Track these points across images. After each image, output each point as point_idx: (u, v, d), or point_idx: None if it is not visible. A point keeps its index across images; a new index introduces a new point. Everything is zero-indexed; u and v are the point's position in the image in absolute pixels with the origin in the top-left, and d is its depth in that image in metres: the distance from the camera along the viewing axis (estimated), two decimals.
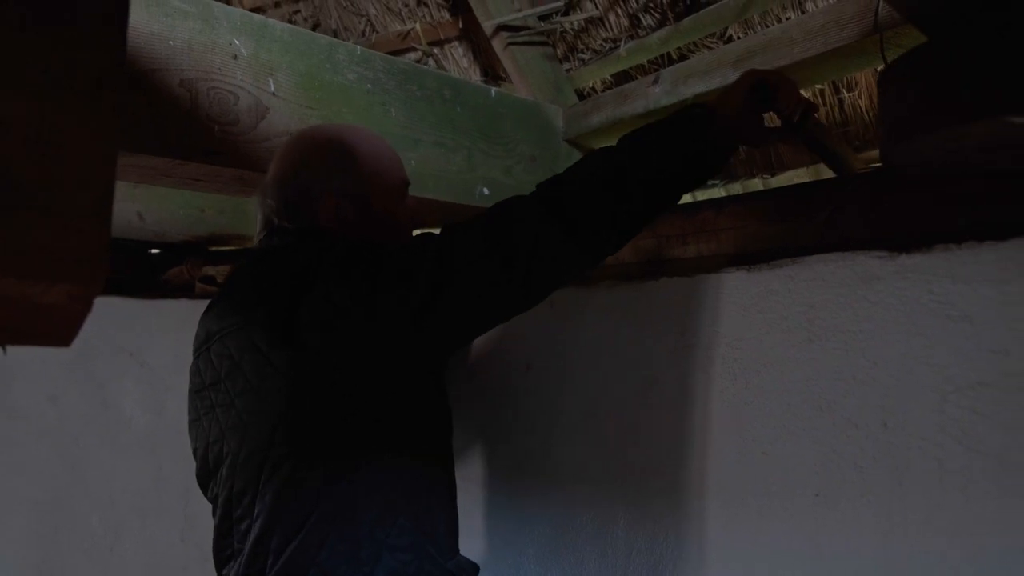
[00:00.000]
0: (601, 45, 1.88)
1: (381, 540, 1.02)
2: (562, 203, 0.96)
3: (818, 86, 1.70)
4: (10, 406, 2.00)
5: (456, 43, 2.12)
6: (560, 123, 1.84)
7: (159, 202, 1.84)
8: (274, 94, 1.29)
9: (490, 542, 1.50)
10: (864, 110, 1.69)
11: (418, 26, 2.09)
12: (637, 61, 1.83)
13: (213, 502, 1.11)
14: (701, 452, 1.19)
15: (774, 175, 1.94)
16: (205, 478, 1.12)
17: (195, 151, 1.18)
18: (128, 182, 1.28)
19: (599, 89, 1.98)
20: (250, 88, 1.25)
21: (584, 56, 1.93)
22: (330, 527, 1.00)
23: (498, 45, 1.88)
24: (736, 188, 2.04)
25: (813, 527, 1.04)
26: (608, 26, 1.83)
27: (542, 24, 1.87)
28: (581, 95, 1.98)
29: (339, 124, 1.31)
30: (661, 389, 1.26)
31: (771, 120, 1.11)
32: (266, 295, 1.05)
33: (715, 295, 1.21)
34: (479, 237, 0.96)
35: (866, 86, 1.65)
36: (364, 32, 2.20)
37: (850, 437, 1.02)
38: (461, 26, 2.07)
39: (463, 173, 1.57)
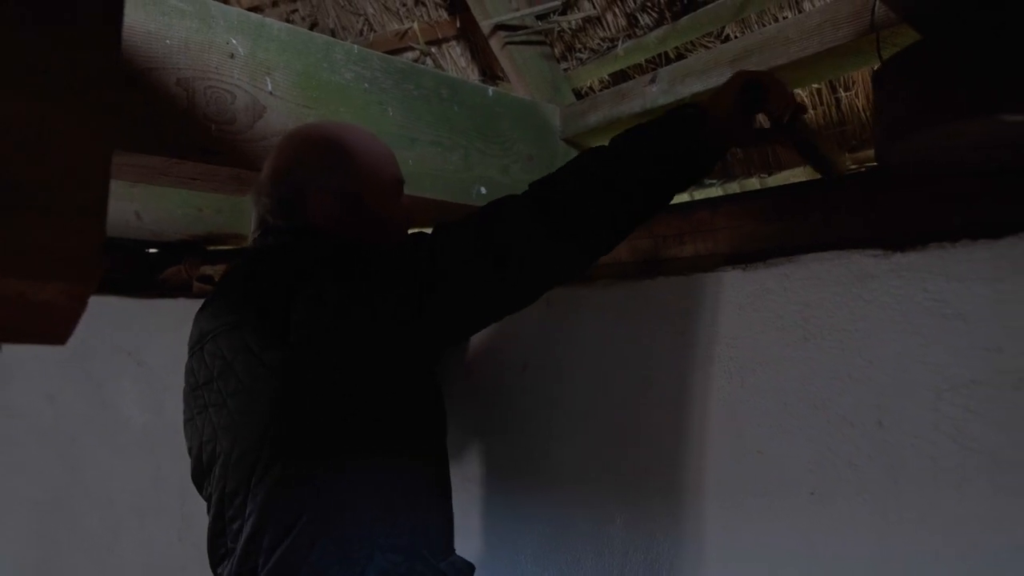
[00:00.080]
0: (599, 44, 1.88)
1: (373, 540, 1.01)
2: (554, 203, 0.96)
3: (815, 85, 1.70)
4: (7, 405, 2.00)
5: (454, 42, 2.13)
6: (557, 122, 1.84)
7: (157, 201, 1.83)
8: (271, 93, 1.29)
9: (487, 541, 1.50)
10: (861, 109, 1.69)
11: (416, 25, 2.09)
12: (634, 60, 1.83)
13: (207, 501, 1.11)
14: (697, 451, 1.19)
15: (771, 174, 1.94)
16: (199, 477, 1.12)
17: (192, 150, 1.18)
18: (125, 181, 1.28)
19: (596, 88, 1.98)
20: (247, 87, 1.26)
21: (582, 55, 1.93)
22: (321, 527, 1.00)
23: (496, 44, 1.88)
24: (733, 187, 2.04)
25: (808, 525, 1.05)
26: (605, 25, 1.84)
27: (540, 23, 1.87)
28: (579, 94, 1.98)
29: (333, 122, 1.31)
30: (657, 388, 1.26)
31: (760, 121, 1.11)
32: (258, 295, 1.05)
33: (711, 294, 1.22)
34: (471, 236, 0.96)
35: (863, 85, 1.65)
36: (362, 31, 2.20)
37: (845, 435, 1.03)
38: (459, 25, 2.07)
39: (460, 172, 1.57)
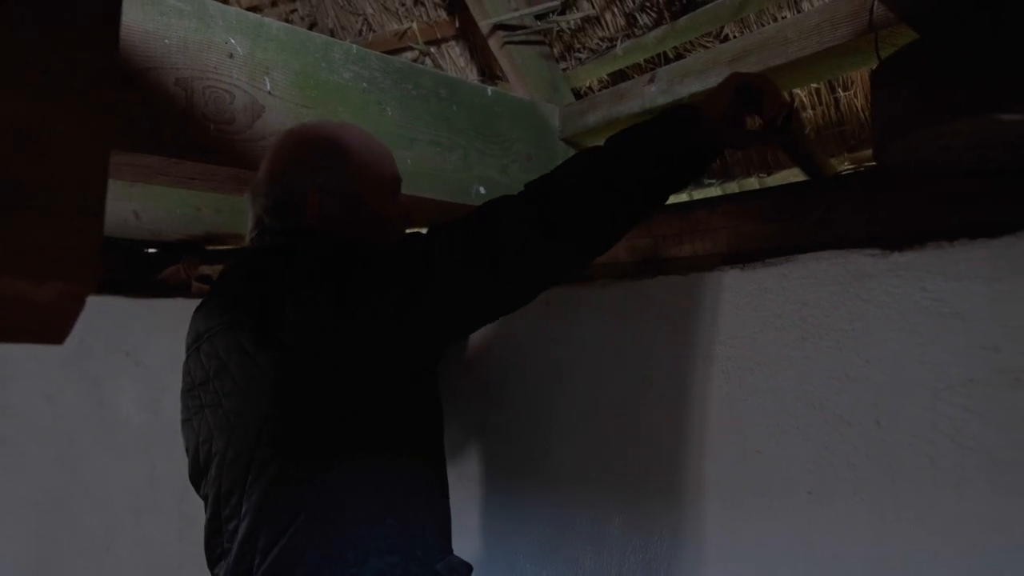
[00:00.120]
0: (597, 44, 1.88)
1: (368, 541, 1.01)
2: (548, 204, 0.96)
3: (814, 85, 1.70)
4: (6, 404, 2.00)
5: (453, 42, 2.13)
6: (556, 122, 1.84)
7: (155, 201, 1.83)
8: (270, 93, 1.29)
9: (485, 540, 1.50)
10: (860, 109, 1.69)
11: (415, 25, 2.09)
12: (633, 60, 1.83)
13: (204, 500, 1.11)
14: (695, 451, 1.19)
15: (770, 174, 1.94)
16: (197, 477, 1.12)
17: (191, 150, 1.18)
18: (124, 181, 1.28)
19: (595, 88, 1.98)
20: (246, 87, 1.26)
21: (581, 55, 1.93)
22: (316, 527, 0.99)
23: (495, 44, 1.88)
24: (732, 187, 2.04)
25: (806, 525, 1.05)
26: (604, 25, 1.84)
27: (539, 23, 1.87)
28: (578, 94, 1.98)
29: (329, 121, 1.30)
30: (656, 387, 1.26)
31: (752, 122, 1.10)
32: (253, 295, 1.05)
33: (710, 294, 1.22)
34: (466, 237, 0.96)
35: (862, 85, 1.66)
36: (361, 31, 2.20)
37: (843, 435, 1.03)
38: (458, 25, 2.07)
39: (459, 172, 1.57)
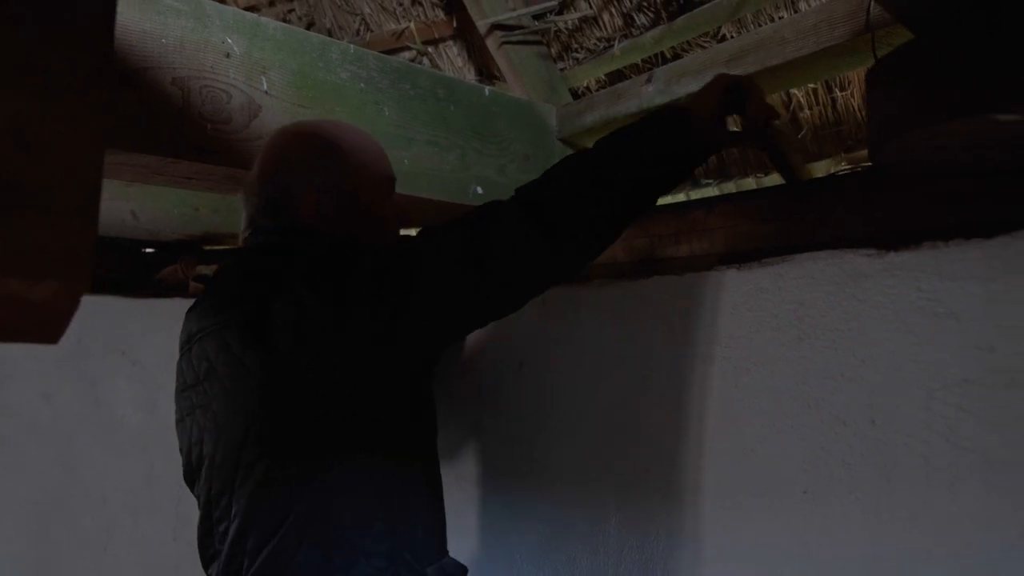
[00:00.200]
0: (595, 44, 1.88)
1: (356, 545, 1.00)
2: (540, 207, 0.96)
3: (811, 85, 1.71)
4: (3, 404, 2.00)
5: (450, 42, 2.12)
6: (554, 122, 1.84)
7: (153, 201, 1.83)
8: (267, 92, 1.29)
9: (482, 540, 1.50)
10: (857, 109, 1.70)
11: (412, 25, 2.09)
12: (631, 60, 1.83)
13: (197, 501, 1.11)
14: (692, 450, 1.19)
15: (768, 174, 1.95)
16: (190, 477, 1.12)
17: (187, 149, 1.18)
18: (121, 180, 1.28)
19: (593, 88, 1.98)
20: (243, 86, 1.25)
21: (578, 55, 1.93)
22: (305, 530, 0.99)
23: (492, 44, 1.88)
24: (729, 187, 2.04)
25: (801, 524, 1.05)
26: (602, 25, 1.84)
27: (536, 23, 1.87)
28: (575, 94, 1.99)
29: (324, 120, 1.29)
30: (652, 387, 1.27)
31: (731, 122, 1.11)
32: (242, 296, 1.04)
33: (707, 293, 1.22)
34: (458, 241, 0.96)
35: (859, 85, 1.66)
36: (359, 31, 2.20)
37: (838, 434, 1.03)
38: (455, 25, 2.07)
39: (456, 172, 1.57)
